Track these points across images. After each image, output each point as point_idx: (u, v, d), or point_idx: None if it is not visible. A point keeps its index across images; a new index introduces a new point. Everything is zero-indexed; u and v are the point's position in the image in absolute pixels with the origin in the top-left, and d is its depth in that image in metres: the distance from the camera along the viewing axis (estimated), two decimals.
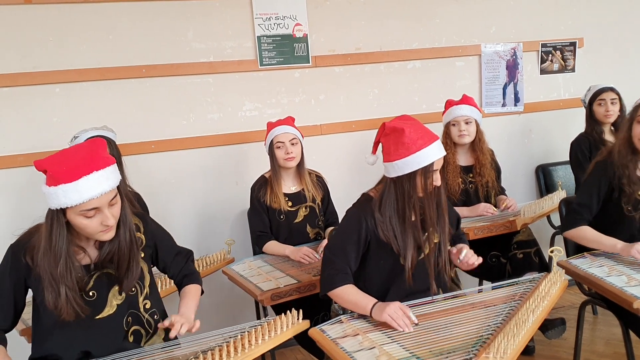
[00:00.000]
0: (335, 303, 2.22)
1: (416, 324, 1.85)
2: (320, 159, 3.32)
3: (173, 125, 3.14)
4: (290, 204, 2.91)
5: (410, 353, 1.66)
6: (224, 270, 2.79)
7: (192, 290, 1.97)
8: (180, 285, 2.01)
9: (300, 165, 2.93)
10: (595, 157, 2.58)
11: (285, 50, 3.29)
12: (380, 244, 2.04)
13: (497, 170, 3.30)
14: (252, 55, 3.24)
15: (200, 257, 2.84)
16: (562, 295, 3.60)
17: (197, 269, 2.72)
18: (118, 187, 1.70)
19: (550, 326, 2.80)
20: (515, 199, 3.22)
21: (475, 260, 2.10)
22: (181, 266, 2.01)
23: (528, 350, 3.04)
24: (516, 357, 1.67)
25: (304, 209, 2.94)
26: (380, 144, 2.08)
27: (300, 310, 1.95)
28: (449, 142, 3.18)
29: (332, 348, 1.76)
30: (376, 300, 1.95)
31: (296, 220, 2.93)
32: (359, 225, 2.04)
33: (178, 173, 3.19)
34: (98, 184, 1.59)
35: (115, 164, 1.69)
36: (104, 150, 1.68)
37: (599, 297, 2.45)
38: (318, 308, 2.48)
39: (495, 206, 3.14)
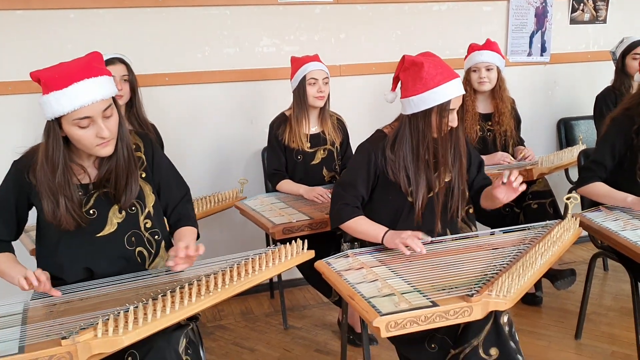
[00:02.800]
0: (345, 242, 2.22)
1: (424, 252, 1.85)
2: (338, 101, 3.24)
3: (188, 58, 3.09)
4: (309, 144, 2.88)
5: (412, 287, 1.66)
6: (236, 204, 2.80)
7: (188, 232, 1.91)
8: (174, 227, 1.95)
9: (325, 106, 2.88)
10: (611, 113, 2.50)
11: None
12: (389, 181, 2.02)
13: (517, 120, 3.22)
14: None
15: (212, 194, 2.84)
16: (574, 250, 3.63)
17: (208, 206, 2.76)
18: (115, 102, 1.69)
19: (559, 276, 2.79)
20: (534, 151, 3.15)
21: (521, 185, 1.93)
22: (176, 203, 1.95)
23: (536, 301, 3.03)
24: (519, 297, 1.66)
25: (322, 151, 2.91)
26: (399, 81, 2.03)
27: (306, 240, 1.94)
28: (469, 88, 3.10)
29: (336, 279, 1.77)
30: (388, 229, 1.95)
31: (313, 162, 2.90)
32: (368, 160, 2.02)
33: (192, 108, 3.16)
34: (89, 91, 1.58)
35: (112, 77, 1.68)
36: (100, 63, 1.67)
37: (611, 250, 2.42)
38: (328, 247, 2.49)
39: (513, 156, 3.09)
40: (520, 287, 1.67)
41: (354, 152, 2.27)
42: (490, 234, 2.09)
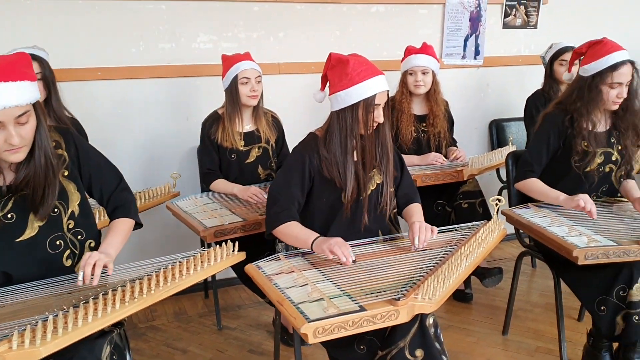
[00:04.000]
0: (279, 243, 2.22)
1: (354, 262, 1.86)
2: (276, 99, 3.25)
3: (122, 53, 3.00)
4: (243, 143, 2.85)
5: (341, 291, 1.67)
6: (167, 205, 2.74)
7: (120, 225, 1.87)
8: (111, 218, 1.91)
9: (258, 104, 2.86)
10: (544, 110, 2.61)
11: None
12: (324, 180, 2.04)
13: (450, 122, 3.30)
14: None
15: (144, 190, 2.78)
16: (503, 247, 3.76)
17: (140, 201, 2.69)
18: (36, 108, 1.61)
19: (487, 274, 2.88)
20: (467, 151, 3.25)
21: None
22: (110, 192, 1.91)
23: (466, 298, 3.13)
24: (444, 299, 1.70)
25: (256, 149, 2.89)
26: (327, 79, 2.06)
27: (237, 243, 1.93)
28: (405, 90, 3.16)
29: (265, 284, 1.76)
30: (318, 235, 1.96)
31: (248, 161, 2.87)
32: (302, 163, 2.03)
33: (125, 103, 3.07)
34: (3, 96, 1.50)
35: (35, 82, 1.60)
36: (25, 66, 1.59)
37: (537, 249, 2.52)
38: (262, 248, 2.48)
39: (446, 156, 3.17)
40: (446, 289, 1.72)
41: (289, 156, 2.27)
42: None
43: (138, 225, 1.95)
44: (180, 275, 1.70)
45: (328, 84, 2.06)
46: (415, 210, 2.23)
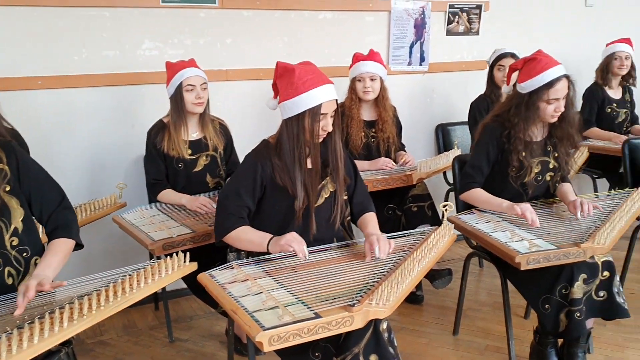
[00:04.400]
0: (231, 253, 2.20)
1: (307, 259, 1.87)
2: (224, 106, 3.22)
3: (63, 61, 2.91)
4: (190, 151, 2.81)
5: (296, 298, 1.68)
6: (113, 218, 2.68)
7: (59, 245, 1.79)
8: (50, 237, 1.82)
9: (205, 111, 2.82)
10: (483, 120, 2.67)
11: None
12: (277, 187, 2.04)
13: (399, 127, 3.36)
14: None
15: (88, 202, 2.70)
16: (452, 248, 3.83)
17: (85, 213, 2.61)
18: None
19: (437, 276, 2.94)
20: (414, 155, 3.31)
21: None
22: (51, 211, 1.83)
23: (417, 300, 3.18)
24: (398, 304, 1.73)
25: (204, 157, 2.85)
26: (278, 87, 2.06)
27: (188, 253, 1.90)
28: (354, 96, 3.19)
29: (219, 293, 1.75)
30: (272, 235, 1.96)
31: (195, 169, 2.83)
32: (254, 171, 2.02)
33: (69, 113, 2.98)
34: None
35: None
36: None
37: (483, 250, 2.59)
38: (213, 258, 2.45)
39: (395, 161, 3.22)
40: (399, 294, 1.74)
41: (241, 163, 2.26)
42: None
43: (79, 246, 1.88)
44: (131, 289, 1.66)
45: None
46: (370, 219, 2.24)
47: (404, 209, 3.08)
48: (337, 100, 2.03)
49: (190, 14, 3.16)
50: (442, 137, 3.97)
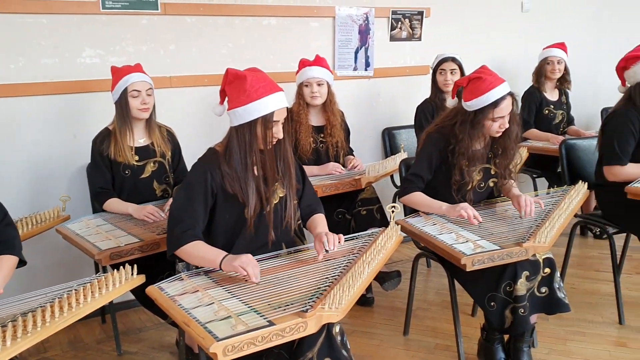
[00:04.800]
0: (180, 262, 2.17)
1: (258, 284, 1.85)
2: (169, 113, 3.17)
3: None
4: (137, 158, 2.76)
5: (249, 307, 1.67)
6: (57, 229, 2.60)
7: (2, 262, 1.75)
8: None
9: (151, 117, 2.78)
10: (427, 128, 2.73)
11: None
12: (227, 196, 2.02)
13: (347, 132, 3.40)
14: None
15: (30, 215, 2.61)
16: (400, 249, 3.90)
17: (26, 228, 2.52)
18: None
19: (387, 278, 2.99)
20: (362, 159, 3.35)
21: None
22: None
23: (368, 302, 3.22)
24: (350, 306, 1.75)
25: (152, 164, 2.80)
26: (226, 94, 2.05)
27: (135, 265, 1.87)
28: (302, 102, 3.21)
29: (169, 305, 1.72)
30: (226, 253, 1.94)
31: (143, 176, 2.78)
32: (204, 180, 2.00)
33: (6, 124, 2.87)
34: None
35: None
36: None
37: (431, 250, 2.65)
38: (163, 267, 2.41)
39: (344, 165, 3.25)
40: (351, 297, 1.76)
41: (188, 171, 2.24)
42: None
43: (22, 262, 1.81)
44: (77, 303, 1.62)
45: (227, 98, 2.05)
46: (319, 220, 2.26)
47: (354, 212, 3.11)
48: (287, 107, 2.04)
49: (132, 20, 3.11)
50: (389, 141, 4.04)
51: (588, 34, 4.88)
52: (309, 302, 1.66)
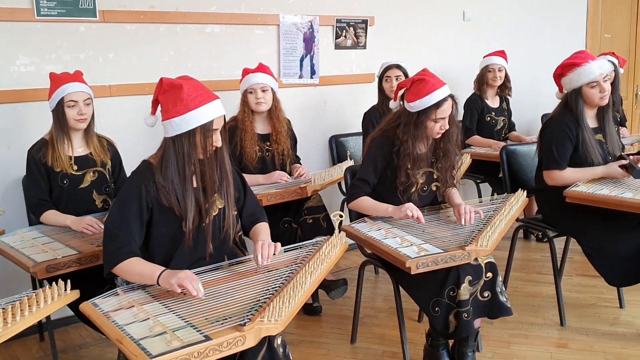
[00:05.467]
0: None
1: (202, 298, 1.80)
2: (108, 122, 3.09)
3: None
4: (75, 167, 2.67)
5: (185, 322, 1.63)
6: None
7: None
8: None
9: (90, 127, 2.71)
10: (371, 134, 2.76)
11: (68, 1, 2.97)
12: (163, 209, 1.97)
13: (293, 140, 3.38)
14: (26, 3, 2.87)
15: None
16: (348, 257, 3.91)
17: None
18: None
19: (333, 287, 2.98)
20: (309, 167, 3.34)
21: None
22: None
23: (315, 311, 3.20)
24: (291, 318, 1.73)
25: (91, 173, 2.72)
26: (159, 104, 2.00)
27: (69, 281, 1.80)
28: (247, 109, 3.18)
29: (103, 322, 1.66)
30: (164, 268, 1.88)
31: (82, 186, 2.70)
32: (139, 194, 1.94)
33: None
34: None
35: None
36: None
37: (376, 257, 2.66)
38: (103, 280, 2.33)
39: (290, 174, 3.23)
40: (292, 308, 1.74)
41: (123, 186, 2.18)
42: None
43: None
44: (5, 323, 1.54)
45: (160, 109, 2.00)
46: (262, 229, 2.24)
47: (300, 221, 3.09)
48: (224, 115, 2.01)
49: (69, 28, 3.02)
50: (336, 148, 4.04)
51: (528, 42, 5.04)
52: (247, 315, 1.63)
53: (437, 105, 2.48)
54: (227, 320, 1.62)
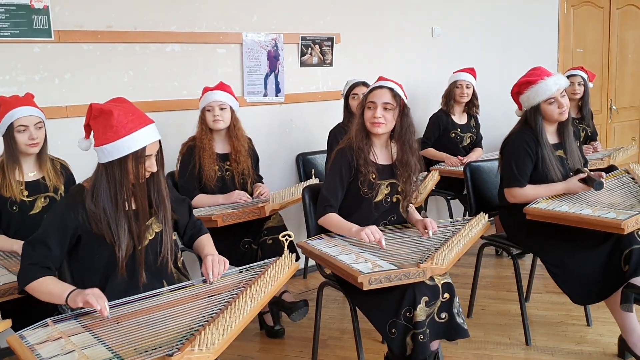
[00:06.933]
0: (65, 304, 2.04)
1: (108, 318, 1.75)
2: (64, 144, 3.02)
3: None
4: (26, 193, 2.61)
5: (112, 353, 1.56)
6: None
7: None
8: None
9: (42, 150, 2.65)
10: (337, 146, 2.73)
11: (22, 22, 2.93)
12: (94, 236, 1.91)
13: (255, 158, 3.33)
14: None
15: None
16: (316, 276, 3.85)
17: None
18: None
19: (294, 308, 2.91)
20: (276, 186, 3.31)
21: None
22: None
23: (277, 334, 3.13)
24: (226, 345, 1.66)
25: (42, 199, 2.65)
26: (91, 129, 1.95)
27: None
28: (205, 127, 3.15)
29: (26, 356, 1.59)
30: (74, 288, 1.83)
31: (32, 212, 2.62)
32: (62, 220, 1.90)
33: None
34: None
35: None
36: None
37: (335, 278, 2.60)
38: (53, 307, 2.26)
39: (251, 194, 3.18)
40: (227, 335, 1.67)
41: (53, 207, 2.12)
42: (203, 282, 2.06)
43: None
44: None
45: (92, 134, 1.95)
46: (206, 241, 2.21)
47: (260, 242, 3.04)
48: (160, 140, 1.96)
49: (23, 48, 2.97)
50: (303, 167, 4.00)
51: (499, 57, 5.04)
52: (177, 345, 1.57)
53: (369, 92, 2.57)
54: (157, 350, 1.55)
